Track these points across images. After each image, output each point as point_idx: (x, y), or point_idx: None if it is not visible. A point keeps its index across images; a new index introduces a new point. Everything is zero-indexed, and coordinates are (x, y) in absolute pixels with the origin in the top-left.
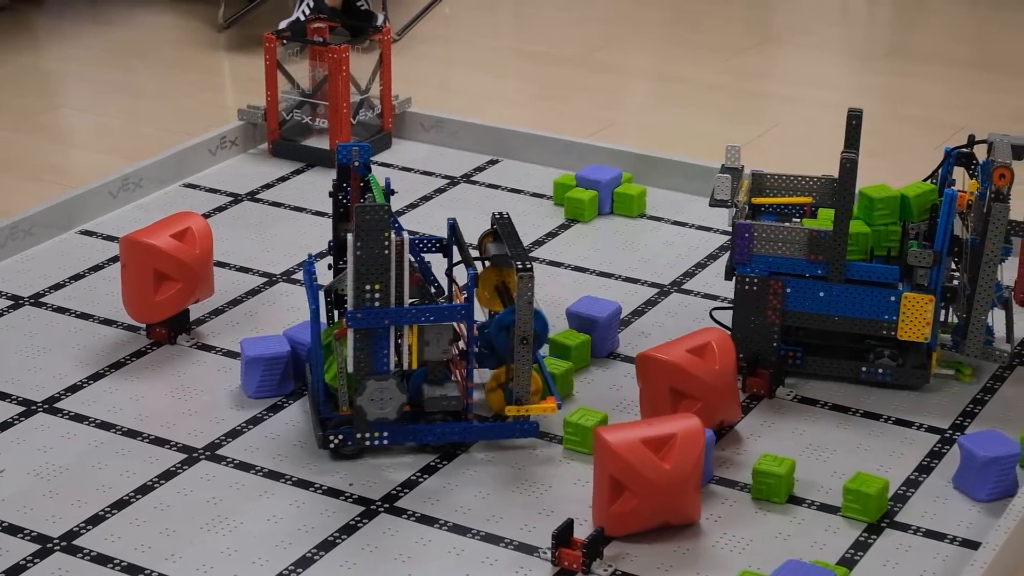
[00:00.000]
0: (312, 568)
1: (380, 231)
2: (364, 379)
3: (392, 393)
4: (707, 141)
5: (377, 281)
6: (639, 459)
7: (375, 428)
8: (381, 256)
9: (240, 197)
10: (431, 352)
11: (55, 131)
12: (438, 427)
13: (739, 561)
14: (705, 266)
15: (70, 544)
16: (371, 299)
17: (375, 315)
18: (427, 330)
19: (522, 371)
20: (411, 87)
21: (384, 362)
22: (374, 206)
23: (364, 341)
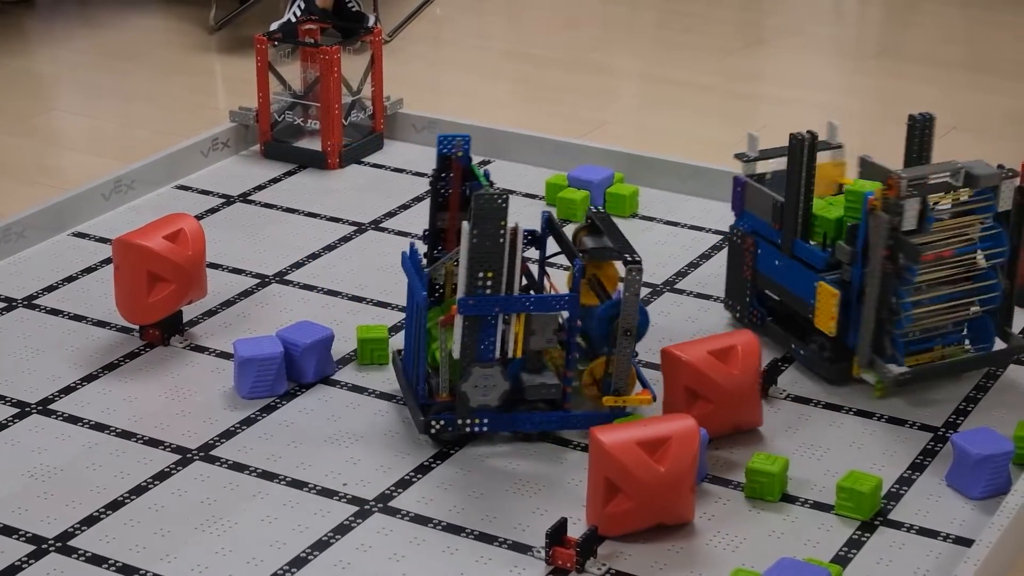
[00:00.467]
0: (306, 568)
1: (497, 219)
2: (469, 366)
3: (496, 380)
4: (699, 142)
5: (491, 269)
6: (634, 461)
7: (476, 415)
8: (496, 244)
9: (232, 199)
10: (536, 341)
11: (47, 134)
12: (537, 415)
13: (733, 559)
14: (697, 266)
15: (65, 545)
16: (483, 286)
17: (486, 302)
18: (534, 319)
19: (623, 362)
20: (403, 88)
21: (491, 349)
22: (493, 193)
23: (472, 328)
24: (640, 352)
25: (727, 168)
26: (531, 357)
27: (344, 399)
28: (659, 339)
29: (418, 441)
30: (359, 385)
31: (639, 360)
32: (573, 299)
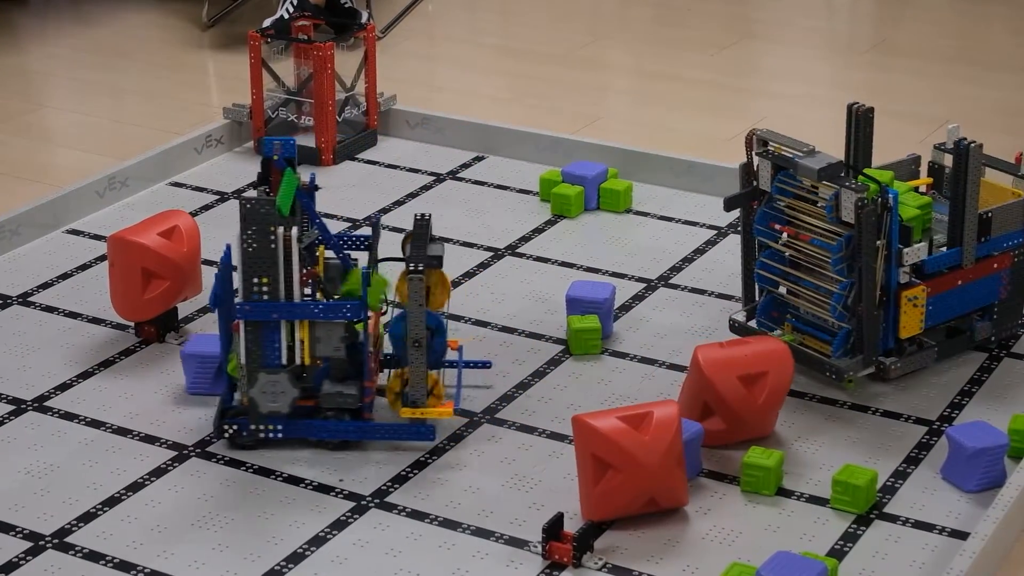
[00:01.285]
0: (303, 563)
1: (266, 224)
2: (255, 371)
3: (284, 387)
4: (692, 136)
5: (265, 275)
6: (618, 433)
7: (269, 421)
8: (267, 250)
9: (226, 195)
10: (323, 348)
11: (40, 131)
12: (332, 423)
13: (728, 553)
14: (692, 260)
15: (62, 541)
16: (259, 292)
17: (263, 308)
18: (318, 326)
19: (416, 373)
20: (396, 84)
21: (276, 355)
22: (260, 199)
23: (255, 333)
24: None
25: (721, 163)
26: (336, 364)
27: None
28: (654, 334)
29: None
30: None
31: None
32: (356, 306)
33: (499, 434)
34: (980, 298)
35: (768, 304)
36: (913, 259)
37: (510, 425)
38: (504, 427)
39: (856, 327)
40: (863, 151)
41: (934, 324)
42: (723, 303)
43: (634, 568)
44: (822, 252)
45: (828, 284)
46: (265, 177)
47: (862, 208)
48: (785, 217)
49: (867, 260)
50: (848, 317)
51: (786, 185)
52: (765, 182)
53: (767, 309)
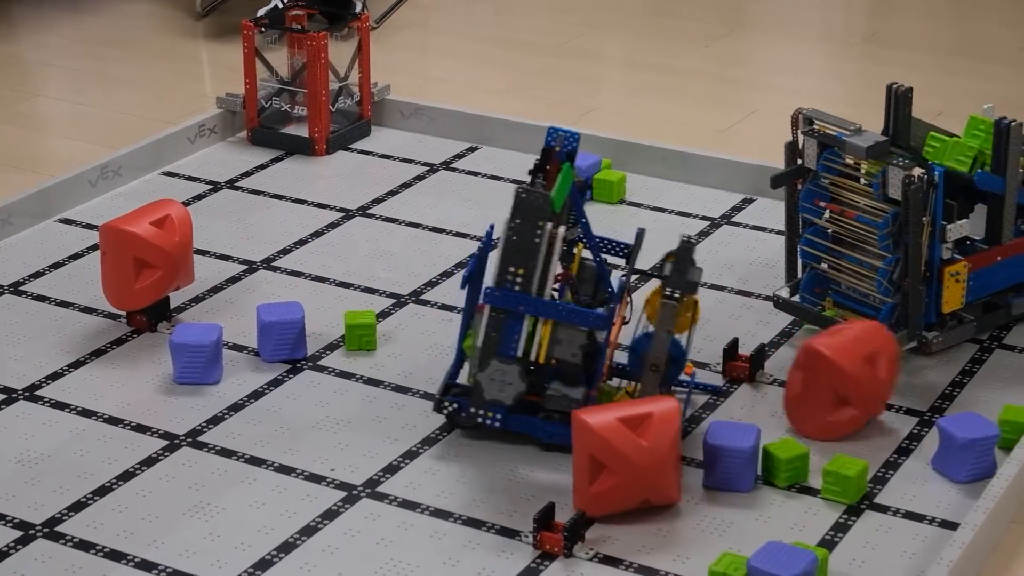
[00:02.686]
0: (294, 553)
1: (536, 218)
2: (488, 357)
3: (512, 379)
4: (686, 127)
5: (523, 266)
6: (617, 437)
7: (491, 408)
8: (530, 243)
9: (219, 185)
10: (561, 351)
11: (33, 120)
12: (551, 426)
13: (719, 543)
14: None
15: (52, 530)
16: (512, 281)
17: (512, 298)
18: (561, 328)
19: (645, 396)
20: (390, 75)
21: (512, 346)
22: (535, 191)
23: (498, 320)
24: None
25: (715, 154)
26: (567, 369)
27: (331, 385)
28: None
29: (406, 427)
30: (346, 371)
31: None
32: (604, 318)
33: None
34: (1018, 274)
35: (811, 280)
36: (956, 235)
37: None
38: None
39: (901, 302)
40: (903, 130)
41: (974, 299)
42: (715, 294)
43: (625, 558)
44: (867, 228)
45: (872, 260)
46: (543, 166)
47: (909, 185)
48: (830, 194)
49: (913, 236)
50: (893, 292)
51: (831, 163)
52: (810, 160)
53: (810, 285)
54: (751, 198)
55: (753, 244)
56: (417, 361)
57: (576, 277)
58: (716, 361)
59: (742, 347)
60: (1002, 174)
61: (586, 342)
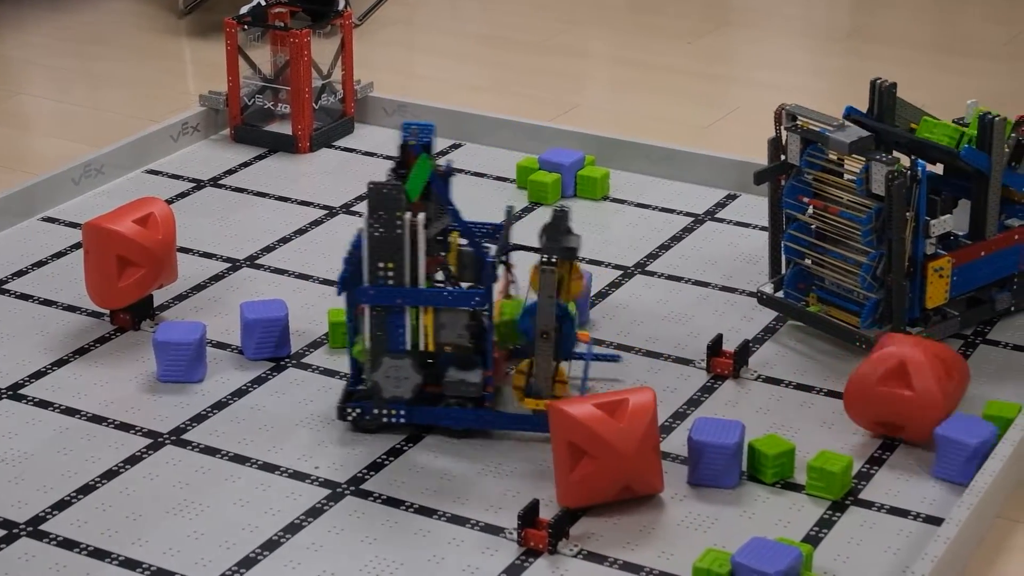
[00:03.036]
0: (279, 550)
1: (393, 209)
2: (379, 356)
3: (407, 372)
4: (669, 124)
5: (390, 260)
6: (593, 419)
7: (392, 406)
8: (393, 235)
9: (203, 183)
10: (447, 335)
11: (15, 118)
12: (457, 411)
13: (703, 539)
14: (669, 248)
15: (36, 529)
16: (384, 276)
17: (387, 293)
18: (442, 313)
19: (542, 364)
20: (373, 72)
21: (400, 340)
22: (388, 184)
23: (380, 318)
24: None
25: (698, 150)
26: (461, 354)
27: (315, 383)
28: (631, 321)
29: None
30: (330, 368)
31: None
32: (481, 294)
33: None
34: (1001, 269)
35: (795, 276)
36: (940, 231)
37: None
38: None
39: (885, 297)
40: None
41: (957, 294)
42: (699, 290)
43: (609, 555)
44: (851, 224)
45: (856, 255)
46: (403, 162)
47: (893, 180)
48: (813, 190)
49: (897, 231)
50: (877, 288)
51: (814, 159)
52: (794, 156)
53: (794, 281)
54: (735, 194)
55: (737, 240)
56: None
57: (458, 264)
58: (700, 357)
59: (726, 343)
60: (987, 166)
61: (470, 322)
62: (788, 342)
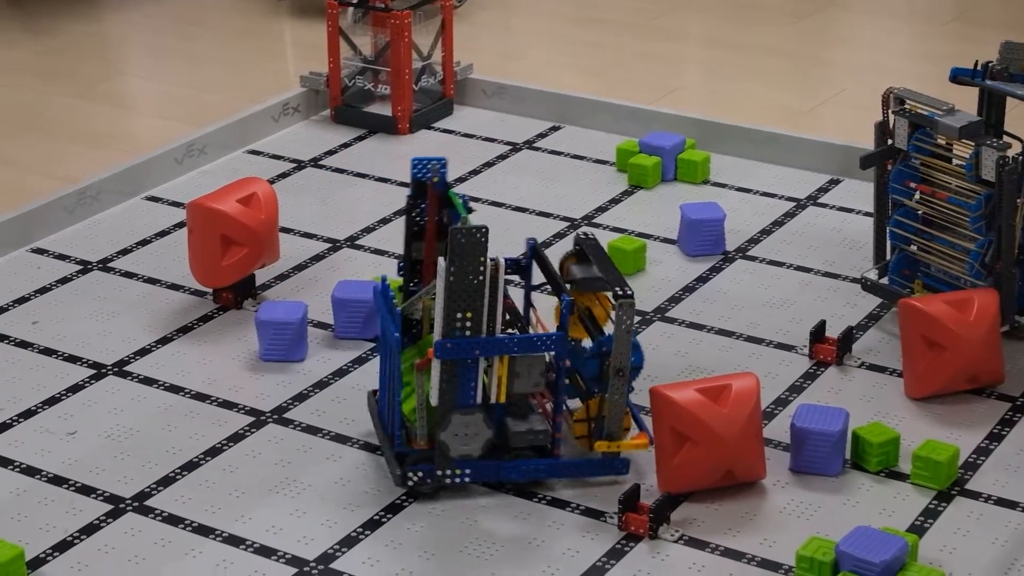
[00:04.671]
0: (379, 530)
1: (476, 255)
2: (449, 413)
3: (478, 428)
4: (770, 107)
5: (469, 309)
6: (696, 405)
7: (457, 465)
8: (475, 283)
9: (303, 163)
10: (522, 385)
11: (118, 98)
12: (524, 463)
13: (806, 527)
14: (770, 232)
15: (142, 504)
16: (462, 328)
17: (465, 345)
18: (519, 361)
19: (616, 405)
20: (473, 54)
21: (471, 395)
22: (471, 228)
23: (451, 372)
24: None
25: (800, 134)
26: (516, 401)
27: None
28: (732, 306)
29: None
30: None
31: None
32: (560, 338)
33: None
34: None
35: (900, 262)
36: None
37: None
38: None
39: (993, 285)
40: (996, 109)
41: None
42: (802, 275)
43: (711, 541)
44: (959, 210)
45: (964, 242)
46: (416, 200)
47: (1003, 166)
48: (920, 175)
49: (1006, 218)
50: (985, 275)
51: (922, 143)
52: (901, 140)
53: (899, 267)
54: (837, 179)
55: (840, 225)
56: None
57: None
58: (803, 343)
59: (829, 329)
60: None
61: (545, 369)
62: (892, 329)
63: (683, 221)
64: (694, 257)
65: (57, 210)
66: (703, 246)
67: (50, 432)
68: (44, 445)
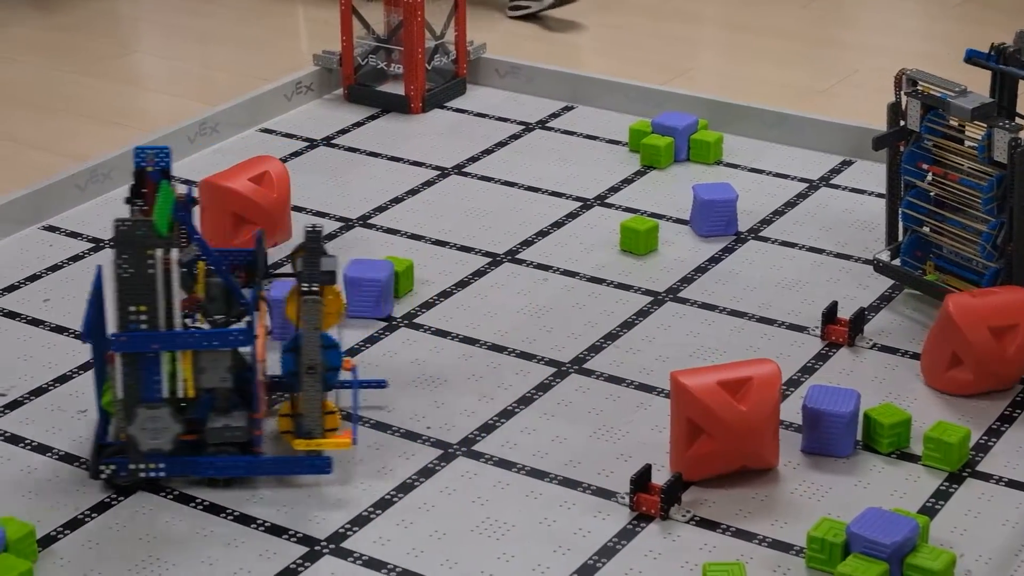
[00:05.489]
0: (390, 510)
1: (143, 248)
2: (134, 407)
3: (165, 422)
4: (783, 88)
5: (143, 302)
6: (716, 401)
7: (150, 459)
8: (145, 276)
9: (316, 142)
10: (208, 380)
11: (129, 75)
12: (220, 460)
13: (818, 508)
14: (782, 213)
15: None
16: (136, 321)
17: (141, 339)
18: (203, 356)
19: (310, 402)
20: (486, 33)
21: (156, 389)
22: (135, 220)
23: (132, 366)
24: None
25: (813, 115)
26: (220, 396)
27: (427, 343)
28: (744, 287)
29: (501, 386)
30: (442, 329)
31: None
32: (245, 333)
33: (587, 384)
34: None
35: (912, 243)
36: None
37: (598, 375)
38: (592, 377)
39: (1005, 267)
40: (1009, 92)
41: None
42: (814, 256)
43: (722, 522)
44: (971, 192)
45: (976, 224)
46: (139, 188)
47: (1016, 148)
48: (933, 156)
49: (1019, 200)
50: (997, 257)
51: (935, 125)
52: (914, 122)
53: (911, 248)
54: (850, 160)
55: (852, 206)
56: (512, 320)
57: (207, 297)
58: (815, 325)
59: (841, 311)
60: None
61: (232, 363)
62: (904, 311)
63: (695, 201)
64: (706, 238)
65: (69, 188)
66: (715, 227)
67: (62, 410)
68: (56, 423)
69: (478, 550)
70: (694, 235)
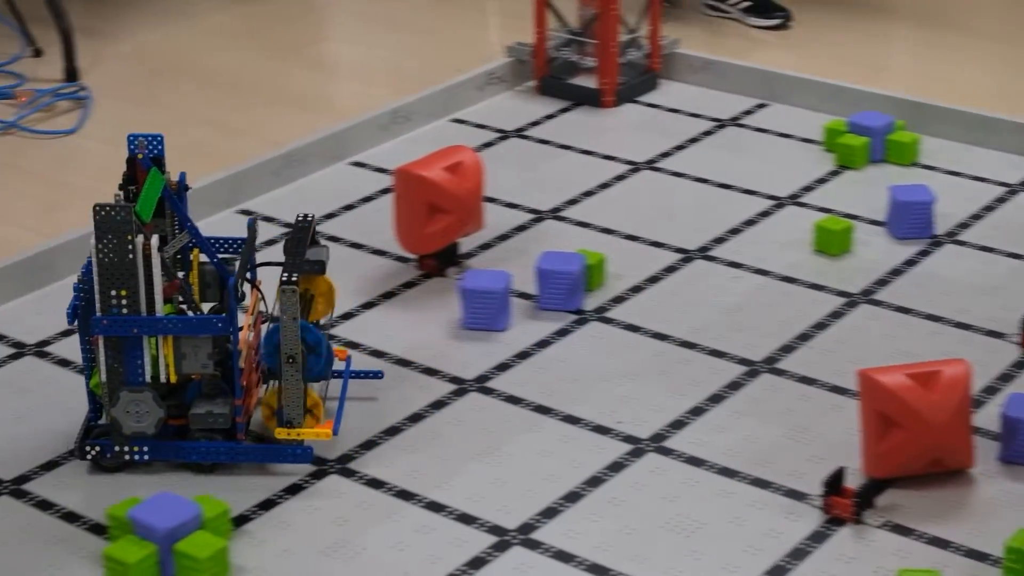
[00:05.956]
0: (580, 503)
1: (123, 233)
2: (117, 390)
3: (148, 406)
4: (983, 89)
5: (124, 287)
6: (905, 390)
7: (134, 442)
8: (125, 260)
9: (507, 133)
10: (189, 365)
11: (322, 63)
12: (203, 445)
13: (1017, 518)
14: (981, 217)
15: (344, 467)
16: (118, 305)
17: (122, 322)
18: (184, 342)
19: (290, 391)
20: (679, 28)
21: (139, 373)
22: (116, 205)
23: (115, 349)
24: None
25: (1014, 117)
26: (207, 382)
27: (618, 338)
28: (941, 291)
29: (692, 382)
30: (633, 324)
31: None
32: (228, 320)
33: (779, 384)
34: None
35: None
36: None
37: (791, 375)
38: (785, 377)
39: None
40: None
41: None
42: (1014, 262)
43: (917, 528)
44: None
45: None
46: (132, 176)
47: None
48: None
49: None
50: None
51: None
52: None
53: None
54: None
55: None
56: (704, 317)
57: (200, 283)
58: (1014, 331)
59: None
60: None
61: (213, 350)
62: None
63: (892, 203)
64: (902, 240)
65: (264, 173)
66: (912, 229)
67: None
68: None
69: (668, 547)
70: (890, 237)
